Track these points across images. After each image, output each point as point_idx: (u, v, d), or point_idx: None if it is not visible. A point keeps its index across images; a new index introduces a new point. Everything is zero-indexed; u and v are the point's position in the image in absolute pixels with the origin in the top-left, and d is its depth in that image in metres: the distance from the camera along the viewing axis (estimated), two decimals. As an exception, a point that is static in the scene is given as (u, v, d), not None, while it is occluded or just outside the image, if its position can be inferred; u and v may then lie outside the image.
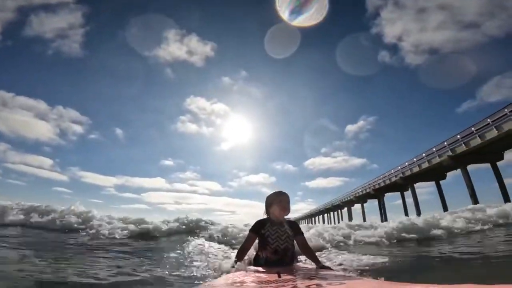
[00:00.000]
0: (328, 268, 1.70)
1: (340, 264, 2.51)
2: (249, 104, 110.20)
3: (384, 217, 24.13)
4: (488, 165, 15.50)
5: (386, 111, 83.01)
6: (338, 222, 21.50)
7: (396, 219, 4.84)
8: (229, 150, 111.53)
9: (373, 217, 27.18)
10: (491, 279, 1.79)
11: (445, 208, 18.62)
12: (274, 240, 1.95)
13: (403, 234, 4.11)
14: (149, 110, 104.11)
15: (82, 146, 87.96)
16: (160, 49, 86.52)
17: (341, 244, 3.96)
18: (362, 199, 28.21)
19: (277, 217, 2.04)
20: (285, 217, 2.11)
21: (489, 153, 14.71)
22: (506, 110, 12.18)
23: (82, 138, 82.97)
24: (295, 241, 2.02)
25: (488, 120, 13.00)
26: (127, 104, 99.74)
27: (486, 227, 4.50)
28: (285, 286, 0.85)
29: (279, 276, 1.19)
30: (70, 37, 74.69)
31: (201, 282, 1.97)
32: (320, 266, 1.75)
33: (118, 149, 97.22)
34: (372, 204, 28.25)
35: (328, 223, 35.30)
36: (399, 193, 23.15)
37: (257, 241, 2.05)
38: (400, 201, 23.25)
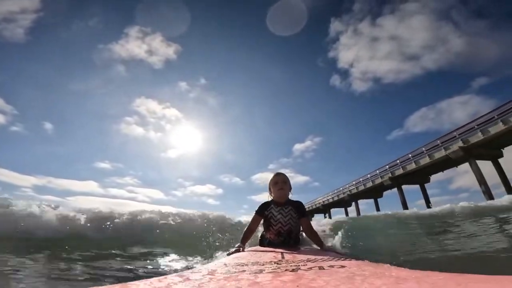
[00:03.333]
0: (332, 250, 1.73)
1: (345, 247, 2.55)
2: (204, 113, 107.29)
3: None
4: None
5: (331, 133, 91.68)
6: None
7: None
8: (177, 158, 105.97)
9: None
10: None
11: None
12: (277, 222, 1.94)
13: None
14: (90, 106, 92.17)
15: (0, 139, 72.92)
16: (117, 45, 79.27)
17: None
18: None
19: (277, 199, 2.01)
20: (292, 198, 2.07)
21: (373, 192, 21.86)
22: (377, 171, 19.05)
23: (2, 130, 69.12)
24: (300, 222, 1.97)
25: (368, 175, 19.89)
26: (65, 97, 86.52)
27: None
28: (288, 267, 0.83)
29: (282, 257, 1.17)
30: (17, 22, 62.91)
31: (202, 262, 2.00)
32: (324, 248, 1.73)
33: (43, 145, 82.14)
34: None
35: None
36: (322, 214, 29.92)
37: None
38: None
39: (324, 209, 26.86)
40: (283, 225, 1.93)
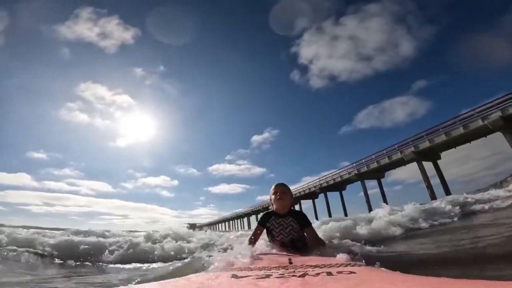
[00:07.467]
0: (341, 255, 1.66)
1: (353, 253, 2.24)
2: (160, 101, 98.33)
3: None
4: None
5: (288, 126, 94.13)
6: (242, 229, 33.43)
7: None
8: (126, 147, 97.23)
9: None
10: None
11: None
12: (278, 233, 1.95)
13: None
14: (22, 90, 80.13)
15: None
16: (62, 26, 70.28)
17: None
18: (266, 209, 41.62)
19: (278, 210, 2.02)
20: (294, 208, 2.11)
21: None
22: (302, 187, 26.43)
23: None
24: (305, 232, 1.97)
25: (306, 186, 27.28)
26: None
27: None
28: (295, 272, 0.83)
29: (290, 262, 1.18)
30: None
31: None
32: (332, 254, 1.65)
33: None
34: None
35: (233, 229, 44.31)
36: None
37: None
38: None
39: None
40: (284, 236, 1.94)
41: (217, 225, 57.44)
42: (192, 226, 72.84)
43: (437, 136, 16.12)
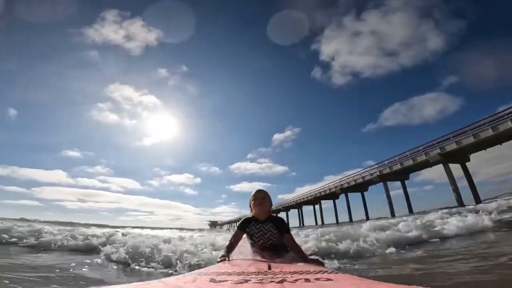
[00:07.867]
0: (318, 261, 1.75)
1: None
2: (183, 100, 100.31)
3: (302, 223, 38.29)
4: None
5: (310, 124, 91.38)
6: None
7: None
8: (152, 146, 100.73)
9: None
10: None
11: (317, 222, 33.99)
12: (258, 238, 2.01)
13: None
14: (57, 92, 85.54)
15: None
16: (90, 29, 73.69)
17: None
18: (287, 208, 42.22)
19: (257, 215, 2.05)
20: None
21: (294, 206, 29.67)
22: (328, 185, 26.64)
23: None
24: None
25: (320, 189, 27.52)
26: (30, 80, 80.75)
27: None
28: (274, 278, 0.84)
29: (269, 268, 1.18)
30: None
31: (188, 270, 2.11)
32: (310, 260, 1.76)
33: (7, 133, 78.56)
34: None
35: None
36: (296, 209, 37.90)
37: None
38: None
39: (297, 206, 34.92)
40: (264, 241, 2.01)
41: (237, 223, 58.10)
42: (213, 224, 75.24)
43: (465, 138, 15.77)
